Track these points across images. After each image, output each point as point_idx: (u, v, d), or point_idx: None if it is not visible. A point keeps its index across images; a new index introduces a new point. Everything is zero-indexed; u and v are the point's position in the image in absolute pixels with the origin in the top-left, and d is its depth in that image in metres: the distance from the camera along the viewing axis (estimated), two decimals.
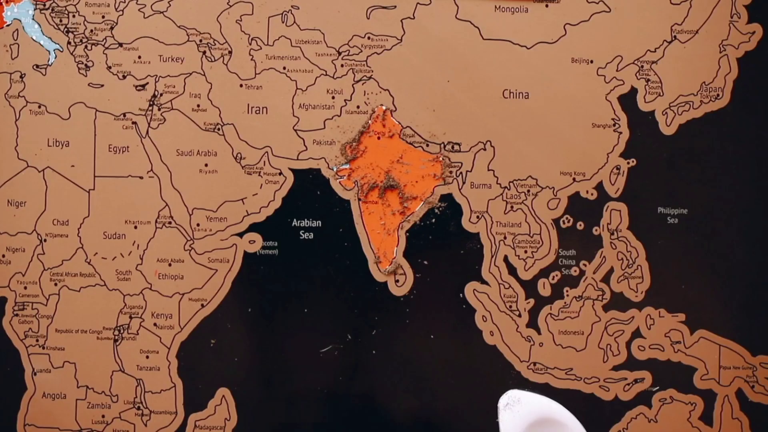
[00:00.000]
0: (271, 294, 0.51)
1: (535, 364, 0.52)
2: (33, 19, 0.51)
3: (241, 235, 0.51)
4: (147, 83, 0.51)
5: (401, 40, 0.51)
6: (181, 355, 0.51)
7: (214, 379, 0.51)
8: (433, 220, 0.51)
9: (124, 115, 0.51)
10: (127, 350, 0.51)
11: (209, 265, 0.51)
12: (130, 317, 0.51)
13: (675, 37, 0.51)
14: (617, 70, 0.51)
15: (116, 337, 0.51)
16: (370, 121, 0.51)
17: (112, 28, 0.51)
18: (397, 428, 0.51)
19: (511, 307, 0.52)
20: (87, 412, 0.51)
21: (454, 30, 0.51)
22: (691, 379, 0.52)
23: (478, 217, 0.52)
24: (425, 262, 0.51)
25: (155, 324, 0.51)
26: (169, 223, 0.51)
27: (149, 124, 0.51)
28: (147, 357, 0.51)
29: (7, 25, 0.51)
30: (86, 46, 0.51)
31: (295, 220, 0.51)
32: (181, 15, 0.51)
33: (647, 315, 0.52)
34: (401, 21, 0.51)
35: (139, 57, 0.51)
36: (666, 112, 0.51)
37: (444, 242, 0.51)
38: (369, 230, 0.51)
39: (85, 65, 0.51)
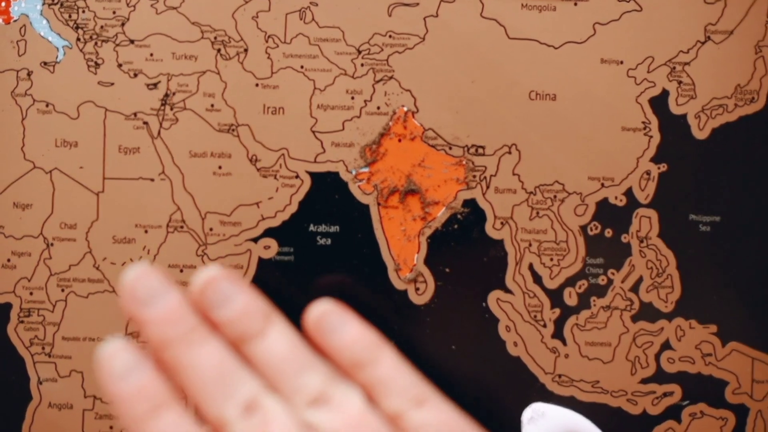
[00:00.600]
0: (286, 302, 0.49)
1: (560, 376, 0.50)
2: (41, 14, 0.49)
3: (255, 240, 0.50)
4: (159, 82, 0.49)
5: (424, 38, 0.49)
6: None
7: None
8: (456, 226, 0.50)
9: (135, 114, 0.49)
10: None
11: None
12: None
13: (709, 37, 0.50)
14: (648, 72, 0.50)
15: None
16: (390, 123, 0.50)
17: (123, 25, 0.49)
18: None
19: (535, 317, 0.50)
20: (94, 423, 0.50)
21: (478, 29, 0.49)
22: (723, 394, 0.50)
23: (502, 223, 0.50)
24: (447, 270, 0.50)
25: None
26: (181, 227, 0.50)
27: (161, 124, 0.49)
28: None
29: (14, 21, 0.49)
30: (96, 43, 0.49)
31: (312, 225, 0.50)
32: (195, 11, 0.49)
33: (677, 326, 0.50)
34: (424, 19, 0.49)
35: (151, 54, 0.49)
36: (699, 116, 0.50)
37: (467, 249, 0.50)
38: (389, 236, 0.50)
39: (95, 63, 0.49)
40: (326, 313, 0.38)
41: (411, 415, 0.35)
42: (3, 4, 0.49)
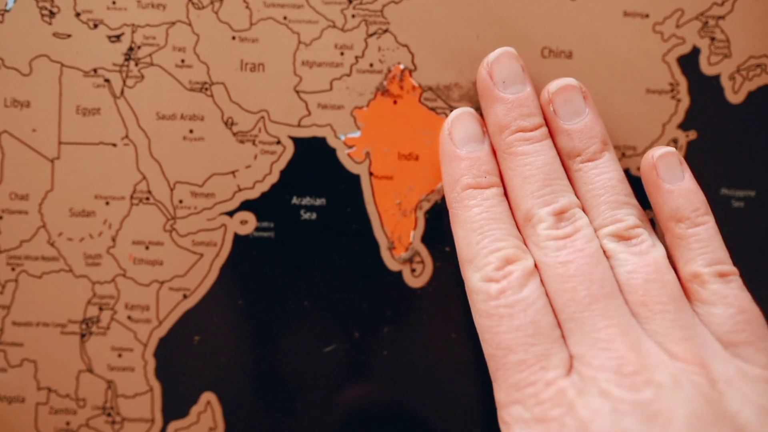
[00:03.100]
0: (266, 284, 0.45)
1: None
2: None
3: (231, 214, 0.45)
4: (122, 34, 0.45)
5: None
6: (159, 353, 0.46)
7: (198, 381, 0.46)
8: None
9: (96, 71, 0.45)
10: (97, 347, 0.45)
11: (193, 249, 0.45)
12: (100, 309, 0.45)
13: None
14: (677, 27, 0.45)
15: (84, 332, 0.45)
16: (385, 82, 0.45)
17: None
18: None
19: None
20: (49, 418, 0.45)
21: None
22: None
23: None
24: (447, 249, 0.45)
25: (129, 317, 0.45)
26: (147, 198, 0.45)
27: (125, 82, 0.45)
28: (119, 355, 0.45)
29: None
30: None
31: (294, 197, 0.45)
32: None
33: None
34: None
35: (114, 2, 0.45)
36: (733, 77, 0.45)
37: None
38: (381, 211, 0.45)
39: (50, 11, 0.44)
40: (667, 155, 0.41)
41: (711, 283, 0.38)
42: None
